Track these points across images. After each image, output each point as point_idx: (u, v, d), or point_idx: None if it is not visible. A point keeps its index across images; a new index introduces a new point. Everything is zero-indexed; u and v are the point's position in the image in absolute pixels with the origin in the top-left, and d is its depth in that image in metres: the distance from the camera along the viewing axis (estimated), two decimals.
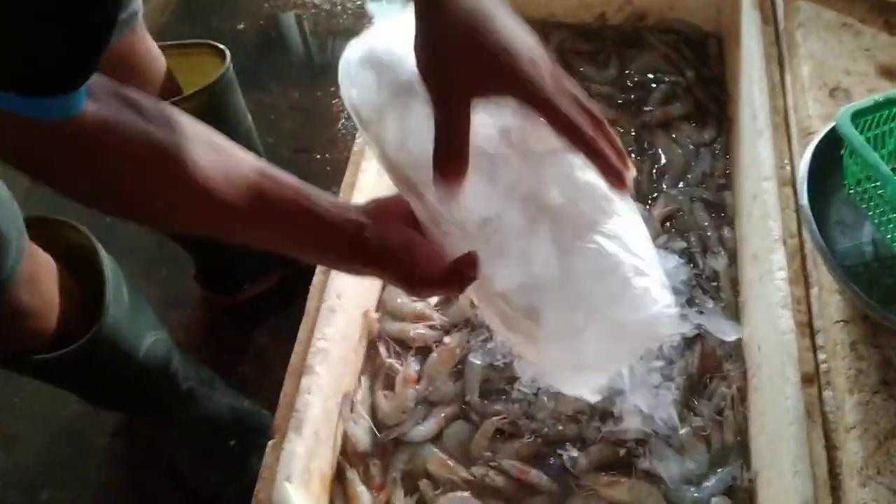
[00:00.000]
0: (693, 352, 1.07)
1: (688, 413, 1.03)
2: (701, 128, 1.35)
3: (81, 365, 1.02)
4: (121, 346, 1.04)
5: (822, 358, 0.89)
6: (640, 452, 1.00)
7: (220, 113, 1.21)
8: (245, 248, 1.43)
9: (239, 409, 1.33)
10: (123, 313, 1.03)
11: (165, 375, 1.18)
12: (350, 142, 1.82)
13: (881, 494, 0.75)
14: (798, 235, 1.00)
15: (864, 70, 1.09)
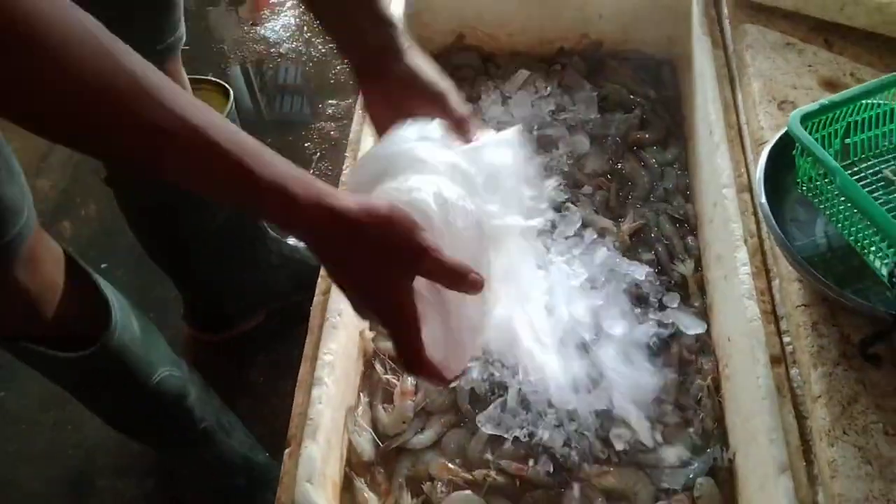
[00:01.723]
0: (670, 353, 1.18)
1: (671, 406, 1.13)
2: (664, 148, 1.47)
3: (89, 374, 1.09)
4: (130, 367, 1.11)
5: (787, 340, 1.00)
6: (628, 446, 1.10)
7: None
8: (233, 287, 1.54)
9: (251, 460, 1.39)
10: (133, 337, 1.10)
11: (180, 409, 1.24)
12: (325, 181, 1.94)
13: (848, 451, 0.85)
14: (757, 235, 1.12)
15: (809, 84, 1.22)
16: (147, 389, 1.16)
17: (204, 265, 1.45)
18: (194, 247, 1.41)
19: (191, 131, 0.60)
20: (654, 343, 1.19)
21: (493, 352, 1.14)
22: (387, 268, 0.70)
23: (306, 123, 2.12)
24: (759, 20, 1.34)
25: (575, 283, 1.21)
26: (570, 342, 1.14)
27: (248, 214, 0.88)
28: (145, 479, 1.52)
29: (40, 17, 0.53)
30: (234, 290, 1.56)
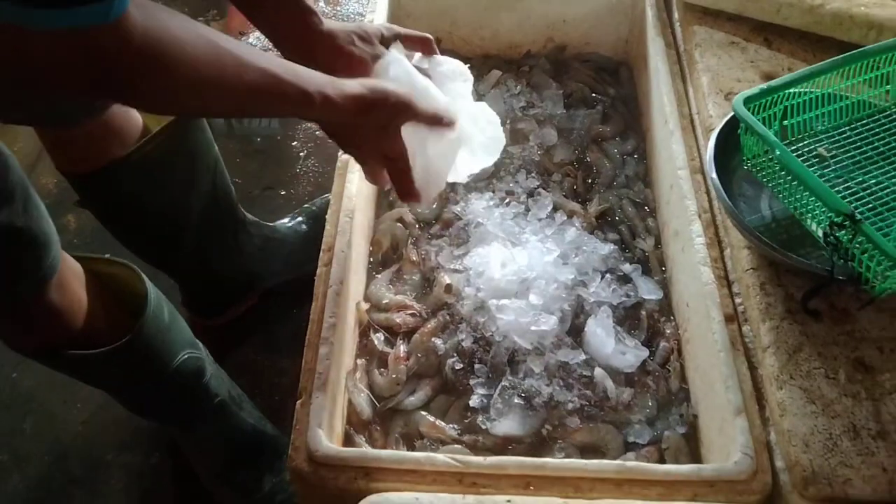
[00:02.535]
0: (638, 318, 1.24)
1: (640, 368, 1.19)
2: (623, 140, 1.54)
3: (118, 366, 1.12)
4: (155, 354, 1.15)
5: (739, 301, 1.07)
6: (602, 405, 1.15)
7: (193, 141, 1.34)
8: (221, 276, 1.58)
9: (261, 432, 1.42)
10: (161, 328, 1.14)
11: (197, 387, 1.27)
12: (310, 179, 1.98)
13: (794, 393, 0.92)
14: (710, 210, 1.18)
15: (751, 77, 1.29)
16: (169, 374, 1.19)
17: (188, 256, 1.47)
18: (176, 238, 1.43)
19: (270, 77, 0.76)
20: (623, 309, 1.25)
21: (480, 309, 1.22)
22: (387, 123, 0.91)
23: (293, 124, 2.15)
24: (707, 22, 1.41)
25: (549, 258, 1.27)
26: (550, 308, 1.20)
27: (298, 117, 1.02)
28: (151, 453, 1.54)
29: (172, 37, 0.67)
30: (221, 276, 1.59)
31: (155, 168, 1.28)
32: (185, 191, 1.38)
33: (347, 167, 1.27)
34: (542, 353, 1.18)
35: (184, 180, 1.36)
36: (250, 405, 1.44)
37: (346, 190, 1.23)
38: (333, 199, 1.23)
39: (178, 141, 1.30)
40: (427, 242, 1.36)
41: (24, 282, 0.98)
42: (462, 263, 1.29)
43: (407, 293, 1.29)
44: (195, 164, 1.37)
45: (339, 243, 1.16)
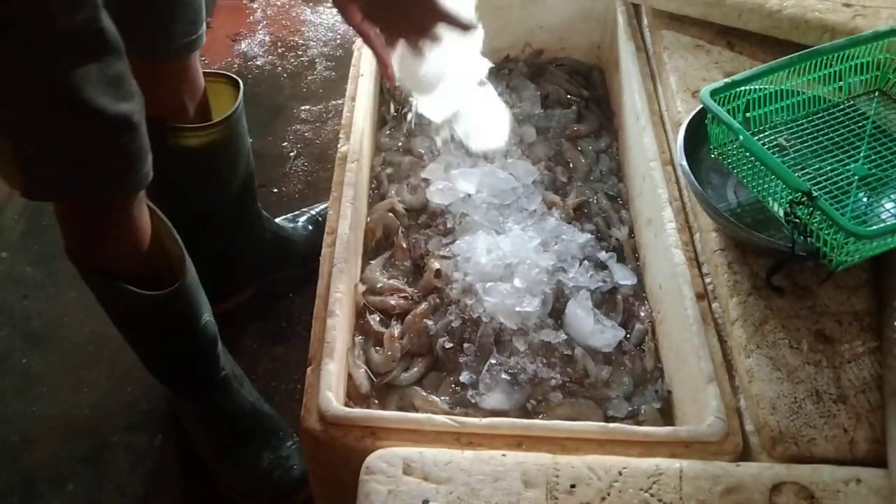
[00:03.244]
0: (614, 301, 1.27)
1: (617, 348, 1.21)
2: (597, 139, 1.57)
3: (160, 312, 1.16)
4: (191, 308, 1.19)
5: (708, 281, 1.10)
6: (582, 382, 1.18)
7: (238, 134, 1.39)
8: (235, 259, 1.61)
9: (260, 411, 1.44)
10: (193, 281, 1.18)
11: (213, 354, 1.29)
12: (301, 178, 2.00)
13: (761, 361, 0.95)
14: (680, 198, 1.22)
15: (716, 77, 1.32)
16: (196, 330, 1.21)
17: (211, 236, 1.49)
18: (208, 216, 1.46)
19: None
20: (600, 293, 1.28)
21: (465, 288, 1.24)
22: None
23: (283, 125, 2.17)
24: (674, 27, 1.44)
25: (531, 245, 1.29)
26: (533, 291, 1.23)
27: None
28: (155, 434, 1.55)
29: None
30: (233, 262, 1.60)
31: (213, 153, 1.35)
32: (229, 174, 1.44)
33: (347, 157, 1.29)
34: (526, 333, 1.20)
35: (230, 164, 1.42)
36: (249, 385, 1.46)
37: (347, 178, 1.26)
38: (335, 187, 1.25)
39: (234, 126, 1.36)
40: (417, 231, 1.38)
41: (123, 181, 1.01)
42: (450, 250, 1.32)
43: (399, 278, 1.31)
44: (240, 148, 1.43)
45: (342, 227, 1.18)
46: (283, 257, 1.68)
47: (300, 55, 2.42)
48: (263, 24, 2.54)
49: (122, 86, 0.95)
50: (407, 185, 1.46)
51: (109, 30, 0.90)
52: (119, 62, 0.93)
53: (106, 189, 1.02)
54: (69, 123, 0.91)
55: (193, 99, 1.32)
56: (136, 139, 0.99)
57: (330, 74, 2.34)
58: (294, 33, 2.51)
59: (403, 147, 1.55)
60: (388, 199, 1.42)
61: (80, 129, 0.93)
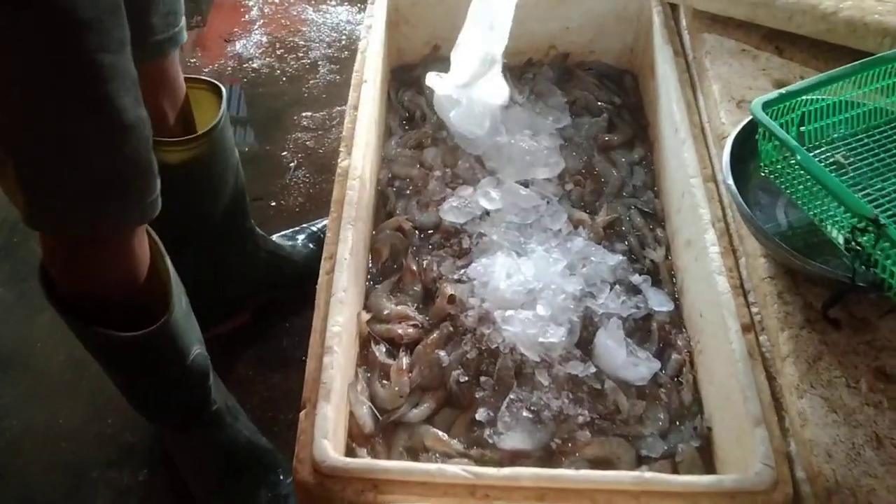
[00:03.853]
0: (649, 330, 1.26)
1: (651, 380, 1.20)
2: (630, 150, 1.56)
3: (143, 352, 1.13)
4: (177, 345, 1.16)
5: (755, 310, 1.09)
6: (613, 418, 1.16)
7: (223, 148, 1.36)
8: (225, 280, 1.59)
9: (256, 445, 1.42)
10: (182, 316, 1.15)
11: (203, 388, 1.28)
12: (301, 190, 1.99)
13: (815, 402, 0.93)
14: (723, 219, 1.21)
15: (763, 85, 1.32)
16: (184, 366, 1.19)
17: (199, 258, 1.48)
18: (194, 238, 1.44)
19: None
20: (633, 321, 1.27)
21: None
22: None
23: (282, 134, 2.17)
24: (716, 30, 1.44)
25: (556, 269, 1.28)
26: (558, 319, 1.21)
27: None
28: (140, 469, 1.53)
29: None
30: (224, 284, 1.59)
31: (196, 170, 1.32)
32: (214, 192, 1.41)
33: (347, 174, 1.28)
34: (550, 366, 1.19)
35: (215, 181, 1.40)
36: (245, 417, 1.44)
37: (348, 197, 1.24)
38: (334, 207, 1.24)
39: (217, 140, 1.33)
40: (428, 252, 1.37)
41: (139, 206, 0.99)
42: (465, 274, 1.31)
43: (408, 304, 1.30)
44: (226, 163, 1.40)
45: (341, 251, 1.17)
46: (280, 278, 1.67)
47: (301, 57, 2.43)
48: (260, 24, 2.55)
49: (138, 88, 0.93)
50: (417, 201, 1.45)
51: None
52: (131, 57, 0.92)
53: (119, 216, 0.99)
54: (86, 127, 0.88)
55: (174, 106, 1.29)
56: (152, 154, 0.98)
57: (334, 78, 2.35)
58: (294, 33, 2.52)
59: (412, 159, 1.54)
60: (396, 217, 1.41)
61: (97, 137, 0.90)
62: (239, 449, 1.38)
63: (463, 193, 1.44)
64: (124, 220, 1.00)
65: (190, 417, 1.33)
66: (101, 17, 0.83)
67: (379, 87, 1.53)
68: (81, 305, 1.07)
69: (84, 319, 1.06)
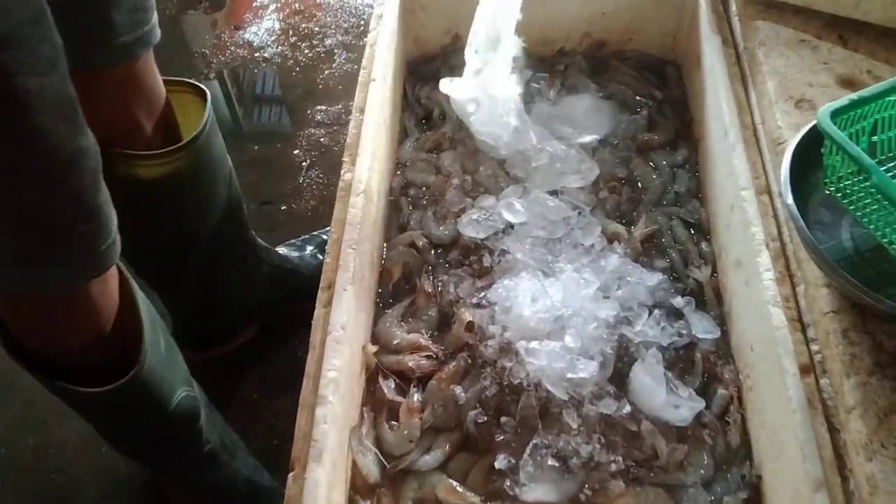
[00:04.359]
0: (696, 362, 1.16)
1: (694, 420, 1.10)
2: (673, 150, 1.45)
3: (113, 406, 1.04)
4: (154, 395, 1.06)
5: (815, 349, 0.98)
6: (650, 465, 1.07)
7: (211, 158, 1.26)
8: (224, 301, 1.48)
9: (255, 483, 1.35)
10: (159, 359, 1.06)
11: (191, 433, 1.20)
12: (314, 192, 1.91)
13: (888, 466, 0.82)
14: (779, 239, 1.09)
15: (826, 81, 1.20)
16: (165, 414, 1.11)
17: (193, 279, 1.40)
18: (183, 258, 1.36)
19: None
20: (673, 350, 1.17)
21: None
22: None
23: (295, 130, 2.08)
24: (770, 16, 1.32)
25: (587, 292, 1.18)
26: (589, 351, 1.12)
27: None
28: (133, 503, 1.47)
29: None
30: (225, 303, 1.51)
31: (179, 185, 1.23)
32: (203, 207, 1.31)
33: (351, 189, 1.18)
34: (579, 405, 1.10)
35: (203, 195, 1.30)
36: (245, 453, 1.37)
37: (350, 216, 1.15)
38: (334, 227, 1.15)
39: (202, 149, 1.24)
40: (444, 272, 1.28)
41: (89, 256, 0.89)
42: (485, 297, 1.21)
43: (421, 331, 1.21)
44: (214, 174, 1.30)
45: (341, 280, 1.07)
46: (286, 294, 1.59)
47: (315, 45, 2.33)
48: (272, 9, 2.46)
49: (77, 112, 0.82)
50: (433, 212, 1.35)
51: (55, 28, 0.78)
52: (68, 75, 0.82)
53: (64, 272, 0.88)
54: (10, 167, 0.77)
55: (151, 114, 1.18)
56: (102, 190, 0.87)
57: (350, 68, 2.25)
58: (308, 19, 2.42)
59: (429, 164, 1.44)
60: (409, 233, 1.32)
61: (27, 180, 0.78)
62: (236, 490, 1.31)
63: (484, 204, 1.34)
64: (71, 276, 0.89)
65: (179, 461, 1.25)
66: (20, 31, 0.71)
67: (391, 85, 1.44)
68: (43, 355, 0.98)
69: (46, 371, 0.97)
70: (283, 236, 1.77)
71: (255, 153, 2.02)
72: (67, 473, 1.50)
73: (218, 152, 1.29)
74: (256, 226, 1.75)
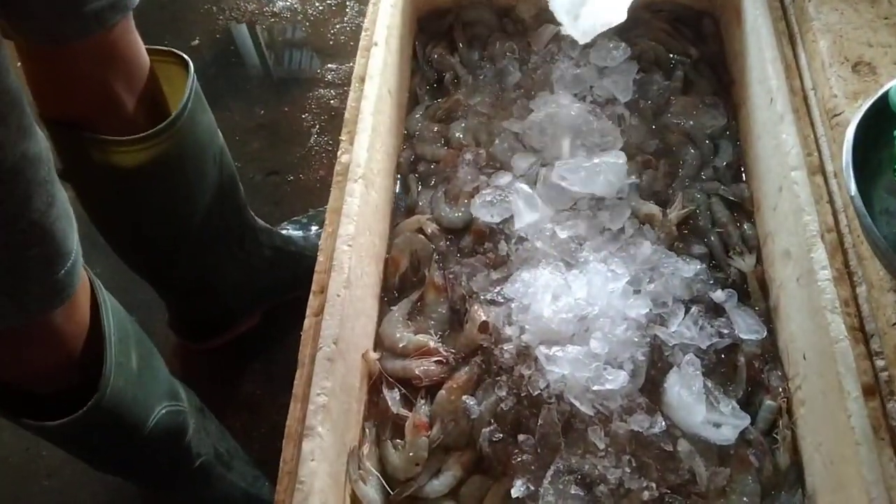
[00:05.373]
0: (739, 368, 1.02)
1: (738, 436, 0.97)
2: (711, 117, 1.28)
3: (77, 436, 0.94)
4: (125, 418, 0.96)
5: (881, 364, 0.84)
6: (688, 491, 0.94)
7: (198, 137, 1.13)
8: (222, 289, 1.33)
9: (255, 497, 1.25)
10: (129, 379, 0.95)
11: (177, 449, 1.09)
12: (324, 161, 1.77)
13: None
14: (836, 229, 0.95)
15: (887, 40, 1.04)
16: (142, 435, 1.00)
17: (186, 269, 1.28)
18: (173, 249, 1.24)
19: None
20: (713, 353, 1.03)
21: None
22: None
23: (303, 91, 1.93)
24: None
25: (615, 286, 1.04)
26: (618, 357, 0.99)
27: None
28: None
29: None
30: (223, 292, 1.39)
31: (162, 170, 1.10)
32: (189, 190, 1.18)
33: (348, 173, 1.04)
34: (607, 421, 0.97)
35: (191, 177, 1.17)
36: (243, 461, 1.26)
37: (347, 206, 1.01)
38: (329, 219, 1.02)
39: (188, 129, 1.11)
40: (456, 261, 1.14)
41: (27, 296, 0.78)
42: (501, 293, 1.08)
43: (430, 331, 1.08)
44: (202, 155, 1.17)
45: (335, 283, 0.94)
46: (290, 278, 1.46)
47: None
48: None
49: (23, 110, 0.71)
50: (444, 191, 1.21)
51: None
52: (8, 66, 0.69)
53: (17, 304, 0.78)
54: None
55: (132, 88, 1.05)
56: (56, 204, 0.76)
57: (363, 22, 2.08)
58: None
59: (440, 135, 1.29)
60: (416, 217, 1.18)
61: None
62: (233, 503, 1.20)
63: (499, 182, 1.20)
64: (26, 310, 0.78)
65: (167, 479, 1.15)
66: None
67: (397, 47, 1.29)
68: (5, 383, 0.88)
69: (9, 402, 0.87)
70: (289, 211, 1.64)
71: (260, 118, 1.88)
72: (60, 479, 1.40)
73: (205, 130, 1.16)
74: (260, 199, 1.63)
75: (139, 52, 1.06)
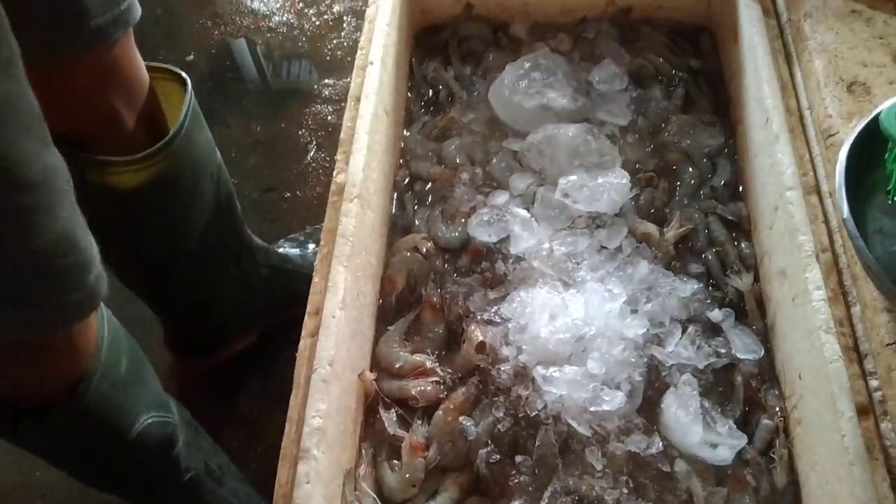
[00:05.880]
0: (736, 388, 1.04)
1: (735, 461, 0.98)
2: (709, 135, 1.30)
3: (53, 440, 0.96)
4: (108, 423, 0.97)
5: (875, 385, 0.86)
6: None
7: (195, 156, 1.15)
8: (218, 308, 1.35)
9: None
10: (115, 386, 0.96)
11: (164, 460, 1.10)
12: (321, 177, 1.79)
13: None
14: (831, 249, 0.97)
15: (882, 60, 1.06)
16: (126, 442, 1.01)
17: (182, 287, 1.30)
18: (169, 267, 1.26)
19: None
20: (711, 372, 1.05)
21: None
22: None
23: (300, 107, 1.96)
24: None
25: (612, 306, 1.06)
26: (615, 378, 1.00)
27: None
28: None
29: None
30: (220, 310, 1.41)
31: (159, 191, 1.12)
32: (186, 210, 1.20)
33: (343, 193, 1.06)
34: (604, 441, 0.98)
35: (187, 198, 1.19)
36: (236, 479, 1.27)
37: (342, 226, 1.03)
38: (324, 239, 1.04)
39: (185, 148, 1.13)
40: (453, 281, 1.16)
41: (70, 304, 0.80)
42: (498, 313, 1.09)
43: (427, 351, 1.10)
44: (200, 173, 1.19)
45: (331, 304, 0.96)
46: (287, 297, 1.47)
47: (323, 12, 2.19)
48: None
49: (42, 124, 0.72)
50: (441, 211, 1.23)
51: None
52: (27, 81, 0.71)
53: (53, 313, 0.79)
54: None
55: (133, 105, 1.07)
56: (77, 214, 0.77)
57: (360, 36, 2.11)
58: None
59: (436, 153, 1.31)
60: (412, 236, 1.20)
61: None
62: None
63: (496, 201, 1.21)
64: (67, 319, 0.81)
65: (154, 492, 1.16)
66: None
67: (394, 65, 1.31)
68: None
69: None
70: (286, 228, 1.66)
71: (257, 135, 1.90)
72: (53, 499, 1.42)
73: (202, 148, 1.17)
74: (257, 216, 1.64)
75: (139, 69, 1.08)
